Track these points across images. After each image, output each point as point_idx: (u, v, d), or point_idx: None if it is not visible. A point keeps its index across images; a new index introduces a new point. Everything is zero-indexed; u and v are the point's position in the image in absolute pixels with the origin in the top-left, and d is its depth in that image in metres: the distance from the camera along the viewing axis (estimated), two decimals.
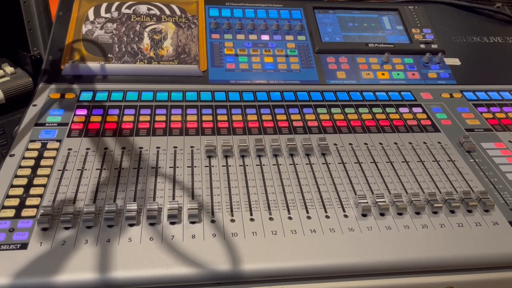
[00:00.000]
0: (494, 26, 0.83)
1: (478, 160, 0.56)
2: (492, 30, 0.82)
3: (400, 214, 0.48)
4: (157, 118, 0.59)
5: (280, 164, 0.53)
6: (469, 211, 0.49)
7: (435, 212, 0.48)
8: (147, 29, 0.71)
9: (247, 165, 0.53)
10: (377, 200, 0.48)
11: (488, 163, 0.56)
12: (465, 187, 0.52)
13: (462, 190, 0.50)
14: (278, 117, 0.61)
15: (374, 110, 0.64)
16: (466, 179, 0.53)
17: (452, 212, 0.49)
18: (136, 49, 0.68)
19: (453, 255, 0.44)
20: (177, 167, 0.51)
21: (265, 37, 0.74)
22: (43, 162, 0.50)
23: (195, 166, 0.52)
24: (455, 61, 0.76)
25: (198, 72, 0.67)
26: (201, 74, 0.67)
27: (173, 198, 0.47)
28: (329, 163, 0.54)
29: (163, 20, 0.73)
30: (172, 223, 0.45)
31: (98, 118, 0.58)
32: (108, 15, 0.71)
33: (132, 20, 0.72)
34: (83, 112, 0.58)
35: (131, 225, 0.44)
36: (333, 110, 0.64)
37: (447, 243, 0.45)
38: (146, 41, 0.69)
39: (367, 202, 0.47)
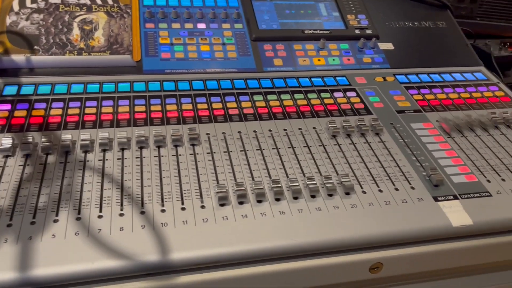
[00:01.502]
0: (426, 11, 0.86)
1: (407, 140, 0.58)
2: (424, 15, 0.85)
3: (330, 195, 0.49)
4: (87, 110, 0.57)
5: (215, 153, 0.53)
6: (396, 189, 0.50)
7: (364, 192, 0.50)
8: (77, 20, 0.68)
9: (180, 155, 0.52)
10: (308, 183, 0.49)
11: (416, 143, 0.58)
12: (394, 166, 0.54)
13: (390, 170, 0.52)
14: (214, 105, 0.61)
15: (309, 95, 0.65)
16: (395, 159, 0.55)
17: (380, 191, 0.50)
18: (65, 40, 0.65)
19: (380, 232, 0.46)
20: (107, 159, 0.50)
21: (201, 26, 0.73)
22: None
23: (126, 158, 0.51)
24: (389, 46, 0.78)
25: (131, 62, 0.65)
26: (135, 64, 0.65)
27: (101, 192, 0.46)
28: (263, 149, 0.54)
29: (94, 10, 0.70)
30: (100, 217, 0.43)
31: (23, 113, 0.55)
32: (34, 6, 0.68)
33: (60, 10, 0.69)
34: (7, 107, 0.56)
35: (55, 221, 0.42)
36: (269, 97, 0.64)
37: (375, 221, 0.47)
38: (76, 31, 0.67)
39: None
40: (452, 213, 0.48)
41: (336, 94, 0.66)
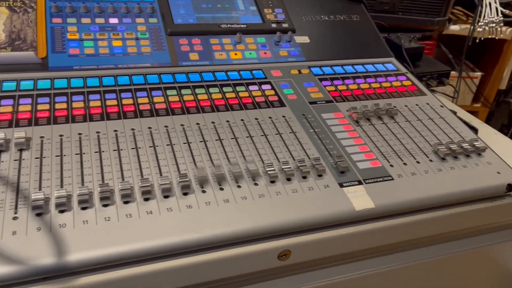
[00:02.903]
0: (341, 5, 0.89)
1: (318, 130, 0.60)
2: (339, 9, 0.88)
3: (239, 186, 0.49)
4: None
5: (122, 149, 0.52)
6: (304, 177, 0.52)
7: (272, 182, 0.51)
8: None
9: (84, 153, 0.50)
10: (216, 172, 0.49)
11: (326, 132, 0.60)
12: (303, 155, 0.55)
13: (299, 159, 0.53)
14: (124, 101, 0.59)
15: (225, 89, 0.65)
16: (304, 148, 0.56)
17: (288, 179, 0.51)
18: None
19: (287, 219, 0.47)
20: (2, 161, 0.47)
21: (113, 21, 0.71)
22: None
23: (24, 159, 0.48)
24: (305, 39, 0.79)
25: (35, 59, 0.62)
26: (40, 61, 0.62)
27: None
28: (174, 144, 0.54)
29: None
30: None
31: None
32: None
33: None
34: None
35: None
36: (183, 91, 0.63)
37: (281, 209, 0.47)
38: None
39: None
40: (355, 198, 0.50)
41: (251, 87, 0.67)
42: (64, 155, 0.49)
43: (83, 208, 0.44)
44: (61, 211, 0.43)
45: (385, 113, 0.65)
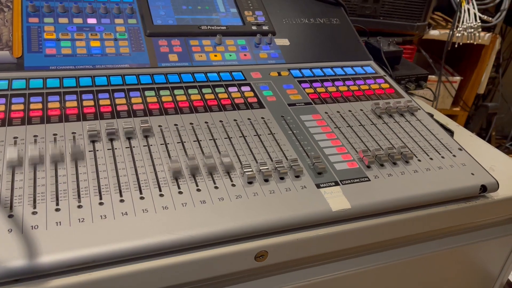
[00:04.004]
0: (321, 8, 0.89)
1: (296, 131, 0.60)
2: (319, 12, 0.88)
3: (216, 187, 0.49)
4: None
5: (98, 150, 0.51)
6: (281, 178, 0.52)
7: (250, 183, 0.51)
8: None
9: (62, 153, 0.50)
10: (195, 174, 0.49)
11: (304, 134, 0.60)
12: (281, 156, 0.55)
13: (277, 160, 0.53)
14: (101, 102, 0.59)
15: (204, 90, 0.65)
16: (282, 150, 0.57)
17: (266, 180, 0.51)
18: None
19: (264, 220, 0.47)
20: None
21: (92, 21, 0.71)
22: None
23: None
24: (285, 42, 0.80)
25: (10, 59, 0.61)
26: (15, 61, 0.61)
27: None
28: (151, 145, 0.53)
29: None
30: None
31: None
32: None
33: None
34: None
35: None
36: (161, 92, 0.63)
37: (258, 210, 0.47)
38: None
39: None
40: (332, 199, 0.51)
41: (230, 89, 0.67)
42: (41, 155, 0.49)
43: (57, 210, 0.43)
44: (34, 213, 0.42)
45: (363, 115, 0.66)
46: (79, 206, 0.44)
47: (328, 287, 0.56)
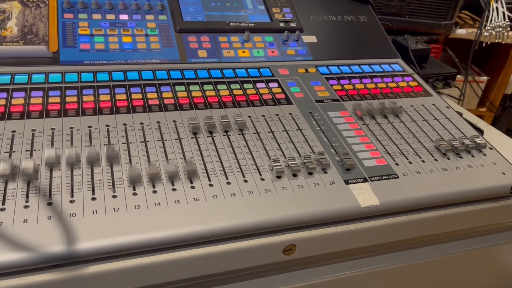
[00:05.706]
0: (348, 6, 0.89)
1: (324, 127, 0.61)
2: (347, 10, 0.88)
3: (245, 181, 0.50)
4: None
5: (130, 143, 0.52)
6: (310, 173, 0.52)
7: (278, 177, 0.51)
8: None
9: (94, 145, 0.51)
10: (224, 166, 0.49)
11: (332, 130, 0.60)
12: (309, 152, 0.56)
13: (305, 155, 0.54)
14: (133, 96, 0.60)
15: (232, 86, 0.66)
16: (310, 145, 0.57)
17: (294, 175, 0.52)
18: None
19: (292, 214, 0.47)
20: (14, 151, 0.48)
21: (123, 17, 0.72)
22: None
23: (35, 150, 0.49)
24: (312, 39, 0.80)
25: (47, 53, 0.63)
26: (51, 55, 0.63)
27: (5, 185, 0.44)
28: (182, 138, 0.54)
29: (7, 0, 0.67)
30: (2, 210, 0.42)
31: None
32: None
33: None
34: None
35: None
36: (191, 87, 0.64)
37: (287, 204, 0.48)
38: None
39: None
40: (360, 195, 0.51)
41: (258, 85, 0.67)
42: (76, 147, 0.50)
43: (93, 199, 0.44)
44: (71, 201, 0.44)
45: (391, 112, 0.66)
46: (114, 196, 0.45)
47: (354, 283, 0.56)
